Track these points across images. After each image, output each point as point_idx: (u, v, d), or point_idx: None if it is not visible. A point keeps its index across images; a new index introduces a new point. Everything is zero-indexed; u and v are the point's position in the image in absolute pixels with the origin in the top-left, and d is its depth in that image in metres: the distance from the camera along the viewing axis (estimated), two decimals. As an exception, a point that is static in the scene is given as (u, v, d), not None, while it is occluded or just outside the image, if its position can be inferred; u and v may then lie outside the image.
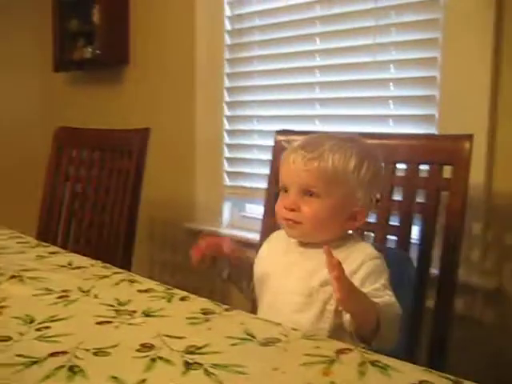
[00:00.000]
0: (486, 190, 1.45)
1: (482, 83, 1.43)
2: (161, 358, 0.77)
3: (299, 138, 1.34)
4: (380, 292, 0.95)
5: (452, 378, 0.70)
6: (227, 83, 2.10)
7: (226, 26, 2.07)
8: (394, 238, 1.29)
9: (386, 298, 0.94)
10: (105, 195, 1.76)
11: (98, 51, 2.57)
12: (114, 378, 0.71)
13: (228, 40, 2.08)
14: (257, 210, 2.13)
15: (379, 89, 1.65)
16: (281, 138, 1.49)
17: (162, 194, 2.36)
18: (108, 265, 1.30)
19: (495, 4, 1.40)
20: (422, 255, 1.23)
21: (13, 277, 1.18)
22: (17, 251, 1.43)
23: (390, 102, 1.63)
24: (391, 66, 1.62)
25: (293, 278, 1.02)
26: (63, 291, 1.09)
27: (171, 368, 0.74)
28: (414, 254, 1.25)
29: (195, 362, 0.75)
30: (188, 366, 0.75)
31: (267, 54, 1.97)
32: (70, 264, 1.30)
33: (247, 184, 2.06)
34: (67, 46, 2.76)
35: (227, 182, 2.14)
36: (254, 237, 2.02)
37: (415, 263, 1.24)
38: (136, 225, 1.66)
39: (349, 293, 0.84)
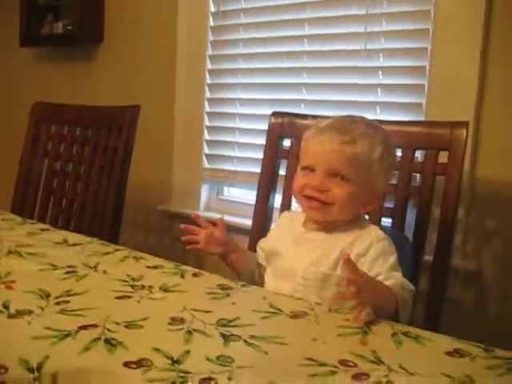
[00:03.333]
0: (470, 177, 1.52)
1: (470, 73, 1.49)
2: (196, 330, 0.78)
3: (301, 122, 1.37)
4: (389, 273, 0.98)
5: (482, 346, 0.74)
6: (209, 65, 2.08)
7: (210, 8, 2.06)
8: (389, 220, 1.33)
9: (397, 278, 0.98)
10: (87, 173, 1.72)
11: (69, 27, 2.49)
12: (157, 349, 0.71)
13: (212, 22, 2.06)
14: (236, 194, 2.14)
15: (368, 76, 1.69)
16: (275, 120, 1.50)
17: (137, 175, 2.31)
18: (106, 242, 1.29)
19: (485, -4, 1.46)
20: (417, 238, 1.27)
21: (10, 252, 1.16)
22: (4, 228, 1.38)
23: (378, 89, 1.67)
24: (381, 54, 1.66)
25: (303, 264, 1.02)
26: (69, 267, 1.07)
27: (210, 340, 0.75)
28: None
29: (232, 334, 0.77)
30: (226, 337, 0.76)
31: (253, 37, 1.96)
32: (65, 241, 1.28)
33: (227, 167, 2.06)
34: (35, 21, 2.65)
35: (206, 164, 2.13)
36: (232, 219, 2.03)
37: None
38: (123, 204, 1.64)
39: (365, 286, 0.84)
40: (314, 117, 1.43)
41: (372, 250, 1.01)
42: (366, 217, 1.13)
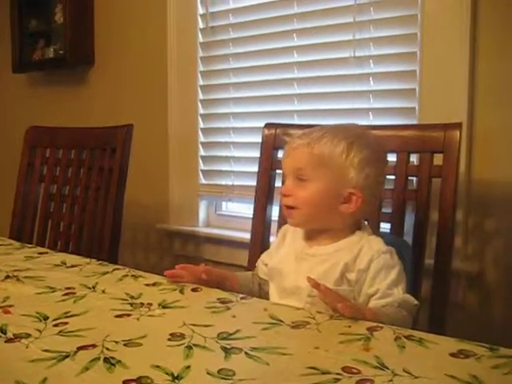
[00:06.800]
0: (466, 178, 1.51)
1: (461, 74, 1.49)
2: (196, 345, 0.77)
3: (294, 132, 1.38)
4: (388, 290, 0.98)
5: (487, 345, 0.73)
6: (201, 81, 2.09)
7: (198, 24, 2.07)
8: (387, 225, 1.32)
9: (395, 296, 0.97)
10: (84, 195, 1.72)
11: (60, 51, 2.50)
12: (156, 366, 0.70)
13: (201, 38, 2.07)
14: (234, 208, 2.13)
15: (359, 83, 1.69)
16: (268, 131, 1.50)
17: (134, 195, 2.31)
18: (104, 262, 1.28)
19: (471, -1, 1.46)
20: (417, 242, 1.26)
21: (8, 277, 1.15)
22: (2, 253, 1.37)
23: (370, 95, 1.67)
24: (370, 61, 1.66)
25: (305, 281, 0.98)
26: (67, 288, 1.06)
27: (211, 354, 0.74)
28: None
29: (233, 347, 0.76)
30: (227, 351, 0.75)
31: (242, 51, 1.97)
32: (63, 263, 1.27)
33: (224, 182, 2.06)
34: (26, 47, 2.68)
35: (202, 180, 2.13)
36: (232, 234, 2.02)
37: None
38: (121, 224, 1.63)
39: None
40: (309, 126, 1.43)
41: (373, 266, 1.00)
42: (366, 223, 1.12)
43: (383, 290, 0.97)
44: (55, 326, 0.86)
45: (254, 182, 1.51)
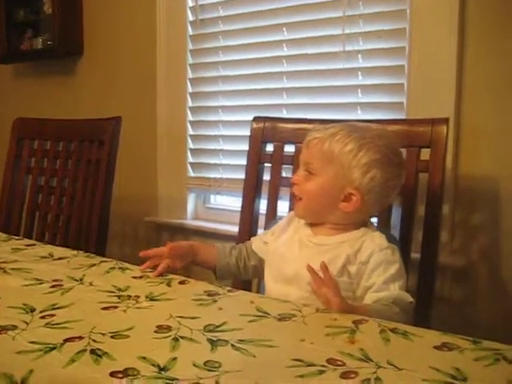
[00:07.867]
0: (453, 173, 1.53)
1: (449, 71, 1.50)
2: (183, 337, 0.77)
3: (283, 126, 1.41)
4: (384, 285, 0.98)
5: (470, 338, 0.74)
6: (190, 74, 2.09)
7: (188, 17, 2.06)
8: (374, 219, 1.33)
9: (390, 291, 0.97)
10: (71, 187, 1.71)
11: (49, 42, 2.48)
12: (143, 358, 0.70)
13: (190, 31, 2.07)
14: (223, 201, 2.14)
15: (347, 78, 1.70)
16: (257, 125, 1.50)
17: (123, 188, 2.30)
18: (92, 254, 1.28)
19: (460, -6, 1.47)
20: (404, 237, 1.27)
21: (-6, 269, 1.14)
22: (-12, 245, 1.37)
23: (359, 90, 1.68)
24: (359, 55, 1.67)
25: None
26: (54, 280, 1.06)
27: (197, 345, 0.75)
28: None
29: (219, 339, 0.76)
30: (213, 343, 0.75)
31: (232, 44, 1.97)
32: (51, 255, 1.26)
33: (212, 175, 2.06)
34: (14, 37, 2.65)
35: (191, 173, 2.13)
36: (220, 227, 2.03)
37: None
38: (109, 216, 1.63)
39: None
40: (298, 121, 1.44)
41: (373, 259, 1.00)
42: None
43: (379, 283, 0.98)
44: (42, 318, 0.86)
45: (242, 176, 1.51)
